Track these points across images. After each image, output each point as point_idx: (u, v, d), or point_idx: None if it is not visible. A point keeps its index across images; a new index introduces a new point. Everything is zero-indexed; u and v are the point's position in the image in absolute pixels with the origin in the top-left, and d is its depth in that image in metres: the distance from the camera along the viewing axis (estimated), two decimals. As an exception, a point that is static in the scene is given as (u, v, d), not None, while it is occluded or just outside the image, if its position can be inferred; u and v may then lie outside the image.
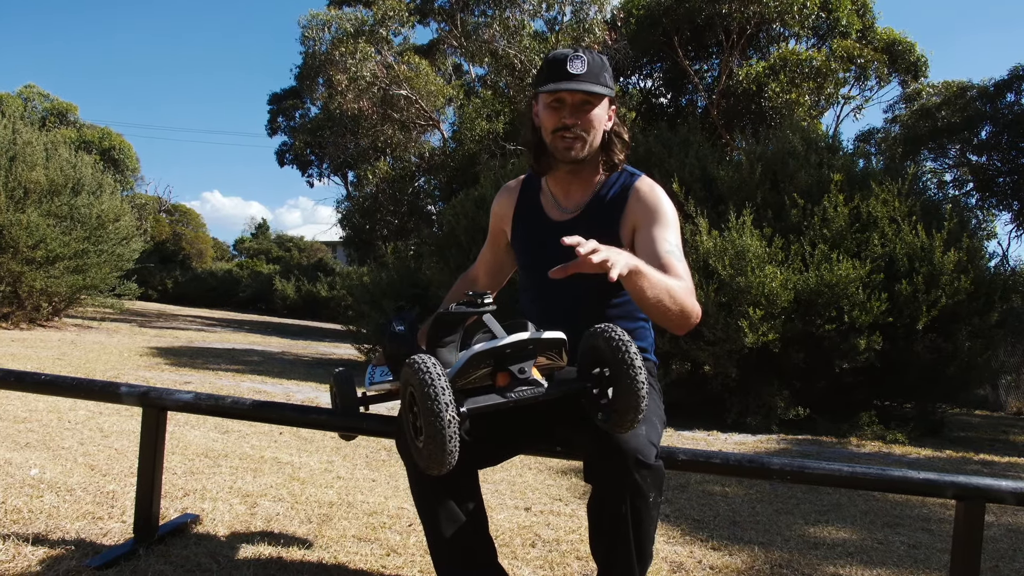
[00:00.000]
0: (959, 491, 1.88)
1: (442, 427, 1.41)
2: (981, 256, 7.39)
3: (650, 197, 1.97)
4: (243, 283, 29.34)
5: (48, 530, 2.45)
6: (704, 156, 8.05)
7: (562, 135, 1.93)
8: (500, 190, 2.23)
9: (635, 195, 1.98)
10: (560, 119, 1.93)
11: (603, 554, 1.70)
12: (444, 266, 8.92)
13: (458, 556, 1.78)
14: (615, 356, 1.52)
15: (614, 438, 1.61)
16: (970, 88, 15.60)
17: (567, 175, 2.03)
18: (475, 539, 1.80)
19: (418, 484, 1.80)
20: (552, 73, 1.91)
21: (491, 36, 14.66)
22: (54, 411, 4.59)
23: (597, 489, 1.67)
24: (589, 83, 1.89)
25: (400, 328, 1.95)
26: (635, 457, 1.60)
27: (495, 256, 2.25)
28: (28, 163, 10.97)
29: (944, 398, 7.58)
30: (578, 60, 1.89)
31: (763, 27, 12.65)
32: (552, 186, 2.08)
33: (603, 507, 1.65)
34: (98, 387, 2.44)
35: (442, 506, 1.77)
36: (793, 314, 6.53)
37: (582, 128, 1.93)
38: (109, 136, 29.78)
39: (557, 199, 2.06)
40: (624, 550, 1.64)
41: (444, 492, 1.77)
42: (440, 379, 1.44)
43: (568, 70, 1.88)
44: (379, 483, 3.59)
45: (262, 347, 12.27)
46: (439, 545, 1.79)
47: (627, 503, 1.61)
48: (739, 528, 3.25)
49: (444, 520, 1.77)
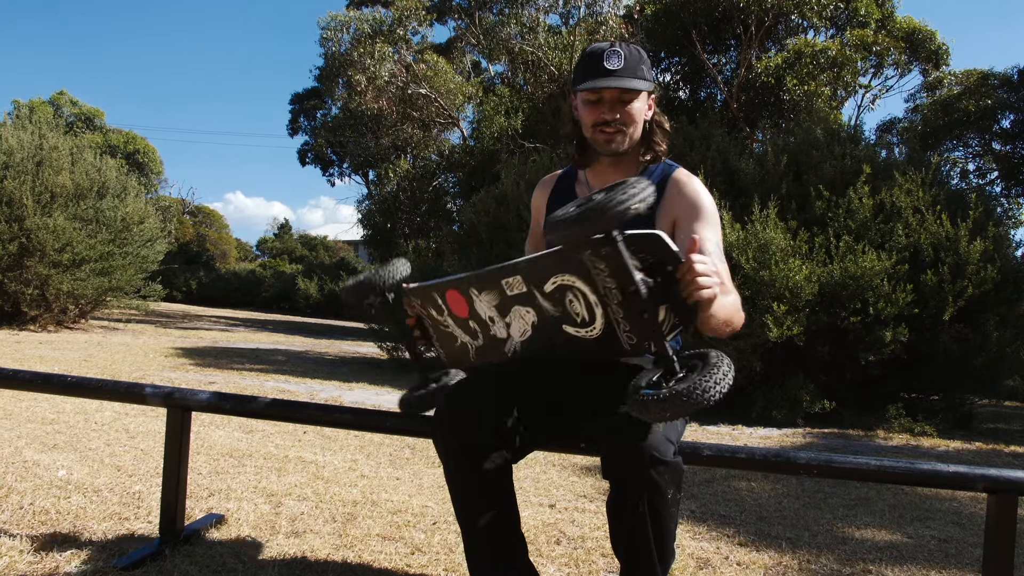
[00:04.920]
0: (990, 484, 1.84)
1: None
2: (1008, 245, 7.27)
3: (689, 189, 1.95)
4: (266, 283, 29.53)
5: (75, 531, 2.47)
6: (725, 149, 7.99)
7: (602, 129, 1.94)
8: (537, 184, 2.25)
9: (675, 186, 1.97)
10: (599, 114, 1.93)
11: (624, 552, 1.68)
12: (465, 264, 8.91)
13: (493, 554, 1.76)
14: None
15: (631, 435, 1.59)
16: (992, 76, 15.38)
17: (608, 166, 2.05)
18: (511, 537, 1.78)
19: (457, 481, 1.79)
20: (589, 69, 1.90)
21: (508, 35, 14.66)
22: (81, 412, 4.65)
23: (615, 486, 1.66)
24: (627, 78, 1.89)
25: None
26: (651, 454, 1.58)
27: (537, 249, 2.21)
28: (54, 168, 11.11)
29: (973, 389, 7.46)
30: (615, 55, 1.88)
31: (781, 19, 12.55)
32: (591, 177, 2.09)
33: (621, 505, 1.64)
34: (123, 388, 2.46)
35: (480, 503, 1.76)
36: (818, 307, 6.46)
37: (621, 122, 1.93)
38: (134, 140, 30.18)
39: (592, 189, 2.04)
40: (644, 547, 1.63)
41: (482, 489, 1.75)
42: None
43: (605, 66, 1.88)
44: (403, 481, 3.59)
45: (285, 346, 12.34)
46: (475, 543, 1.78)
47: (645, 500, 1.59)
48: (766, 524, 3.21)
49: (482, 518, 1.75)
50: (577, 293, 1.62)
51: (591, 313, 1.62)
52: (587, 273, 1.57)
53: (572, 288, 1.62)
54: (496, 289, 1.77)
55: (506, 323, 1.80)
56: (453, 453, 1.77)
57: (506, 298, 1.76)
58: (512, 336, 1.80)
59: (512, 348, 1.81)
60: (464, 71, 18.64)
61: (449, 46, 18.83)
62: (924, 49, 14.42)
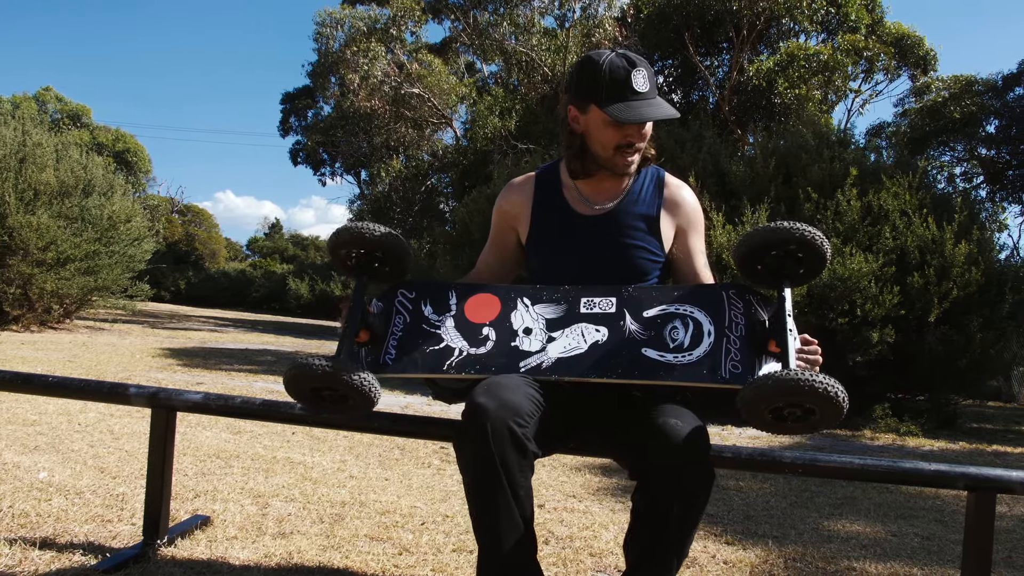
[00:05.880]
0: (970, 482, 1.87)
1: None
2: (992, 248, 7.38)
3: (688, 198, 2.01)
4: (256, 283, 29.46)
5: (56, 533, 2.44)
6: (716, 151, 8.03)
7: (624, 151, 1.88)
8: (506, 188, 2.12)
9: (672, 192, 1.99)
10: (624, 136, 1.86)
11: (642, 551, 1.65)
12: (458, 264, 8.93)
13: (510, 552, 1.65)
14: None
15: (673, 442, 1.57)
16: (978, 83, 15.55)
17: (604, 175, 1.98)
18: (527, 536, 1.68)
19: (484, 495, 1.63)
20: (617, 91, 1.81)
21: (502, 35, 14.67)
22: (64, 413, 4.61)
23: (648, 486, 1.62)
24: (661, 102, 1.84)
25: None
26: (691, 455, 1.57)
27: (500, 258, 2.12)
28: (38, 165, 11.03)
29: (957, 390, 7.54)
30: (640, 74, 1.81)
31: (773, 22, 12.64)
32: (580, 184, 2.01)
33: (653, 504, 1.61)
34: (107, 389, 2.43)
35: (507, 518, 1.62)
36: (806, 308, 6.49)
37: (640, 142, 1.90)
38: (123, 139, 30.01)
39: (584, 194, 1.99)
40: (665, 550, 1.61)
41: (510, 504, 1.62)
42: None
43: (635, 88, 1.80)
44: (392, 482, 3.58)
45: (275, 347, 12.31)
46: (494, 556, 1.65)
47: (679, 506, 1.57)
48: (753, 522, 3.22)
49: (506, 533, 1.63)
50: (689, 322, 1.73)
51: (696, 341, 1.71)
52: (722, 308, 1.74)
53: (686, 317, 1.74)
54: (565, 305, 1.79)
55: (548, 337, 1.76)
56: (486, 469, 1.60)
57: (575, 315, 1.78)
58: (547, 351, 1.75)
59: (536, 363, 1.74)
60: (458, 71, 18.65)
61: (444, 46, 18.83)
62: (913, 55, 14.56)
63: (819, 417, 1.51)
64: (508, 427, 1.58)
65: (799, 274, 1.74)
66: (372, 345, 1.83)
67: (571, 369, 1.72)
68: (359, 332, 1.81)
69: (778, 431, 1.59)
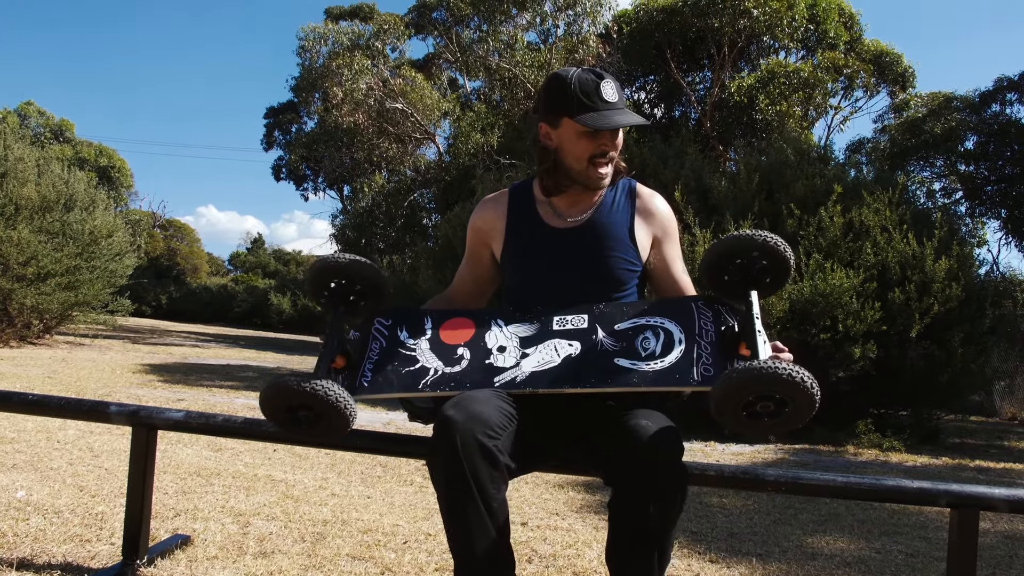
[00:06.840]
0: (952, 499, 1.87)
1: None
2: (972, 263, 7.45)
3: (661, 206, 2.02)
4: (238, 298, 29.29)
5: (33, 554, 2.41)
6: (699, 167, 8.09)
7: (598, 162, 1.90)
8: (479, 205, 2.12)
9: (645, 202, 2.00)
10: (598, 145, 1.88)
11: (622, 556, 1.65)
12: (440, 279, 8.92)
13: (485, 565, 1.64)
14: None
15: (643, 441, 1.59)
16: (956, 99, 15.76)
17: (575, 189, 1.98)
18: (503, 550, 1.66)
19: (458, 511, 1.63)
20: (587, 100, 1.84)
21: (485, 51, 14.74)
22: (43, 431, 4.55)
23: (622, 491, 1.63)
24: (630, 111, 1.89)
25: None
26: (664, 458, 1.59)
27: (476, 274, 2.11)
28: (19, 179, 10.95)
29: (939, 405, 7.59)
30: (608, 85, 1.85)
31: (753, 40, 12.80)
32: (559, 202, 2.01)
33: (628, 508, 1.62)
34: (87, 407, 2.41)
35: (481, 534, 1.61)
36: (788, 323, 6.53)
37: (613, 151, 1.92)
38: (106, 153, 29.80)
39: (557, 209, 2.00)
40: (645, 550, 1.62)
41: (485, 520, 1.61)
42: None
43: (605, 98, 1.84)
44: (374, 500, 3.56)
45: (257, 363, 12.22)
46: (467, 556, 1.64)
47: (654, 505, 1.59)
48: (737, 540, 3.22)
49: (481, 550, 1.62)
50: (660, 332, 1.77)
51: (668, 349, 1.74)
52: (691, 317, 1.79)
53: (656, 328, 1.78)
54: (538, 324, 1.81)
55: (522, 353, 1.79)
56: (457, 482, 1.60)
57: (548, 332, 1.80)
58: (521, 366, 1.77)
59: (510, 378, 1.75)
60: (441, 87, 18.69)
61: (427, 62, 18.90)
62: (891, 71, 14.76)
63: (792, 410, 1.50)
64: (476, 439, 1.58)
65: (766, 283, 1.79)
66: (348, 371, 1.84)
67: (545, 381, 1.74)
68: (335, 358, 1.82)
69: (754, 430, 1.59)
